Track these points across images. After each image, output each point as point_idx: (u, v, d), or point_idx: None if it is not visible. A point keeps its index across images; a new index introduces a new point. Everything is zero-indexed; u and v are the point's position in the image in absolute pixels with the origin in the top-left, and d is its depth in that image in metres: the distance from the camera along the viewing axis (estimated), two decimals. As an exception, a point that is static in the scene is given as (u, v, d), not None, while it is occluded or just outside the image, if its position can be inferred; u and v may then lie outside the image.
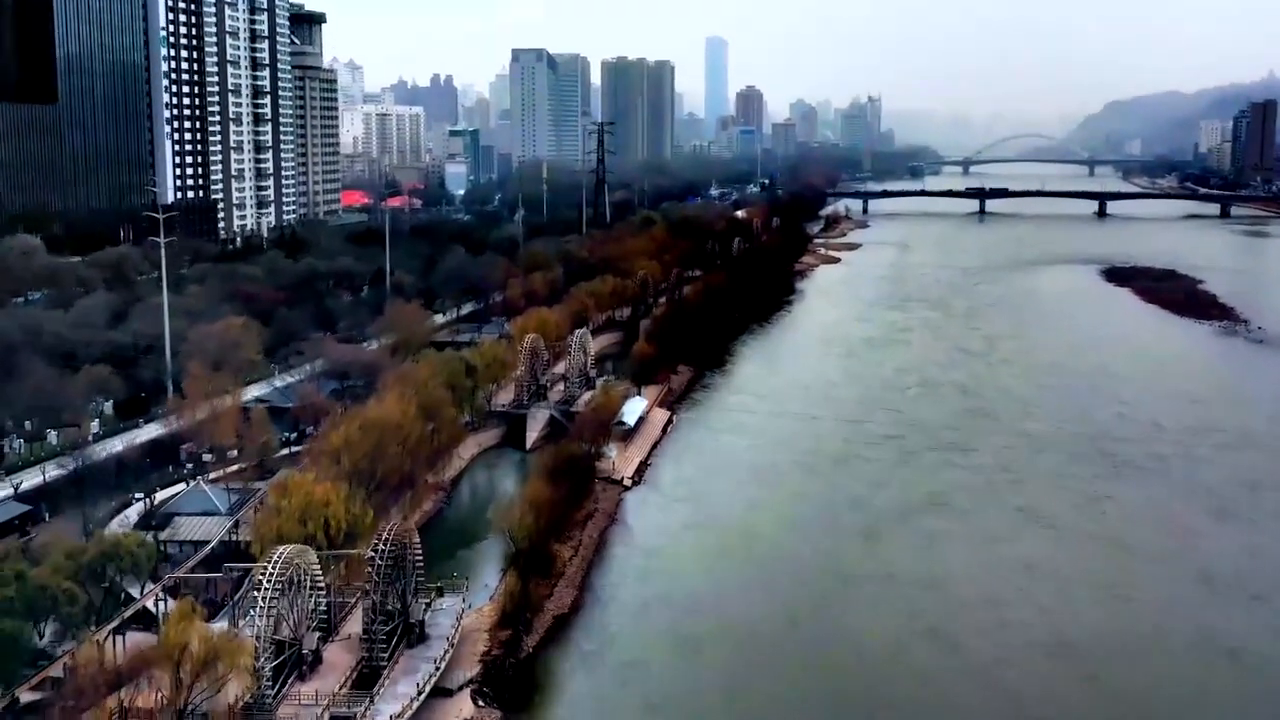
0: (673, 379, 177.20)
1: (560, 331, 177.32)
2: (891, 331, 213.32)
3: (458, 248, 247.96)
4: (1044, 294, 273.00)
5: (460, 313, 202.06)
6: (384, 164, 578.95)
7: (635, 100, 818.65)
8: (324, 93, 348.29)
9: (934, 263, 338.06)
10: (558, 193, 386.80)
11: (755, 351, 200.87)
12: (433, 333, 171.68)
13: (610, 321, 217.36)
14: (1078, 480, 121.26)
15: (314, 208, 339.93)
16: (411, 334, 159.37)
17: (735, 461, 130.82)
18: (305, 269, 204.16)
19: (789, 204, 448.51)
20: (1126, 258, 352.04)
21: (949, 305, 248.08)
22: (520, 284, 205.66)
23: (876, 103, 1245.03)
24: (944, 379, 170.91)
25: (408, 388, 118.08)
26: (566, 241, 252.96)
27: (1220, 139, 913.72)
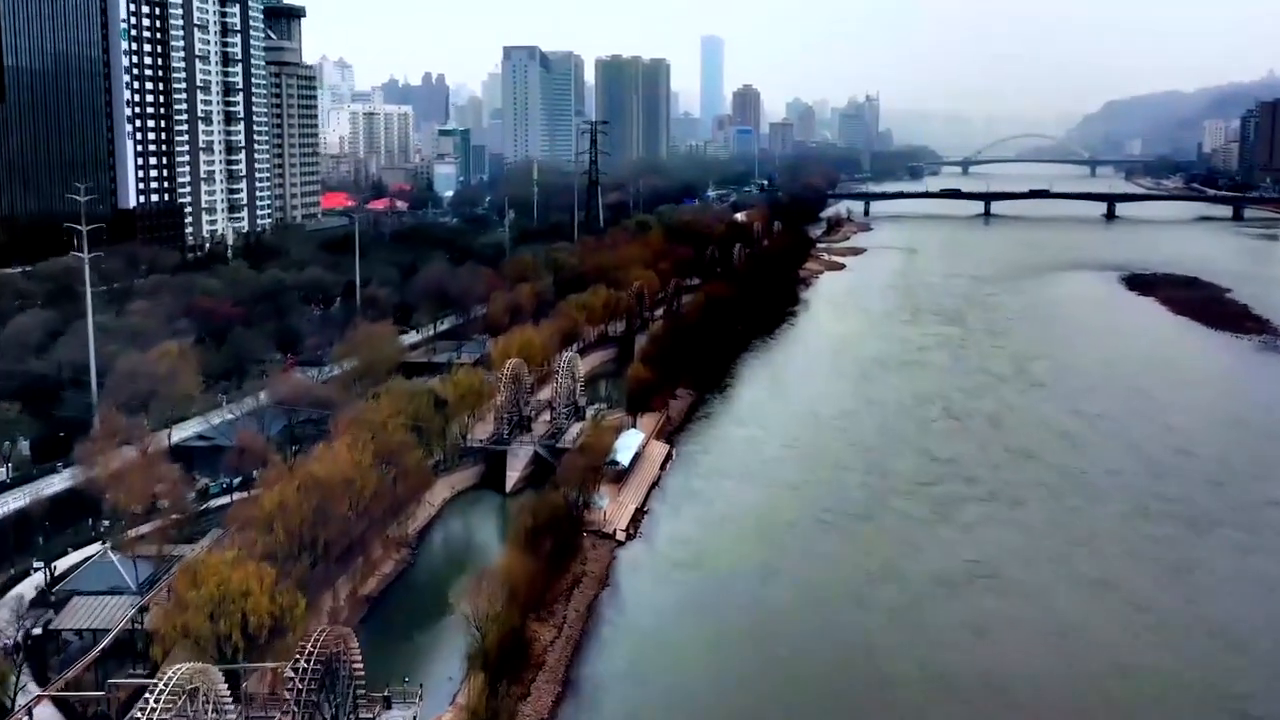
0: (671, 404, 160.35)
1: (547, 352, 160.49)
2: (906, 350, 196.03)
3: (439, 256, 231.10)
4: (1065, 305, 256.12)
5: (439, 329, 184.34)
6: (371, 165, 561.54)
7: (630, 99, 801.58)
8: (302, 90, 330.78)
9: (943, 269, 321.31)
10: (550, 194, 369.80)
11: (760, 372, 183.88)
12: (402, 355, 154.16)
13: (603, 337, 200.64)
14: (1150, 542, 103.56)
15: (291, 212, 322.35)
16: (378, 358, 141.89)
17: (742, 513, 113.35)
18: (270, 281, 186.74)
19: (790, 206, 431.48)
20: (1144, 264, 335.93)
21: (965, 318, 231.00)
22: (504, 297, 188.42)
23: (875, 102, 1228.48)
24: (972, 408, 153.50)
25: (363, 431, 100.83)
26: (556, 249, 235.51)
27: (1225, 139, 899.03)
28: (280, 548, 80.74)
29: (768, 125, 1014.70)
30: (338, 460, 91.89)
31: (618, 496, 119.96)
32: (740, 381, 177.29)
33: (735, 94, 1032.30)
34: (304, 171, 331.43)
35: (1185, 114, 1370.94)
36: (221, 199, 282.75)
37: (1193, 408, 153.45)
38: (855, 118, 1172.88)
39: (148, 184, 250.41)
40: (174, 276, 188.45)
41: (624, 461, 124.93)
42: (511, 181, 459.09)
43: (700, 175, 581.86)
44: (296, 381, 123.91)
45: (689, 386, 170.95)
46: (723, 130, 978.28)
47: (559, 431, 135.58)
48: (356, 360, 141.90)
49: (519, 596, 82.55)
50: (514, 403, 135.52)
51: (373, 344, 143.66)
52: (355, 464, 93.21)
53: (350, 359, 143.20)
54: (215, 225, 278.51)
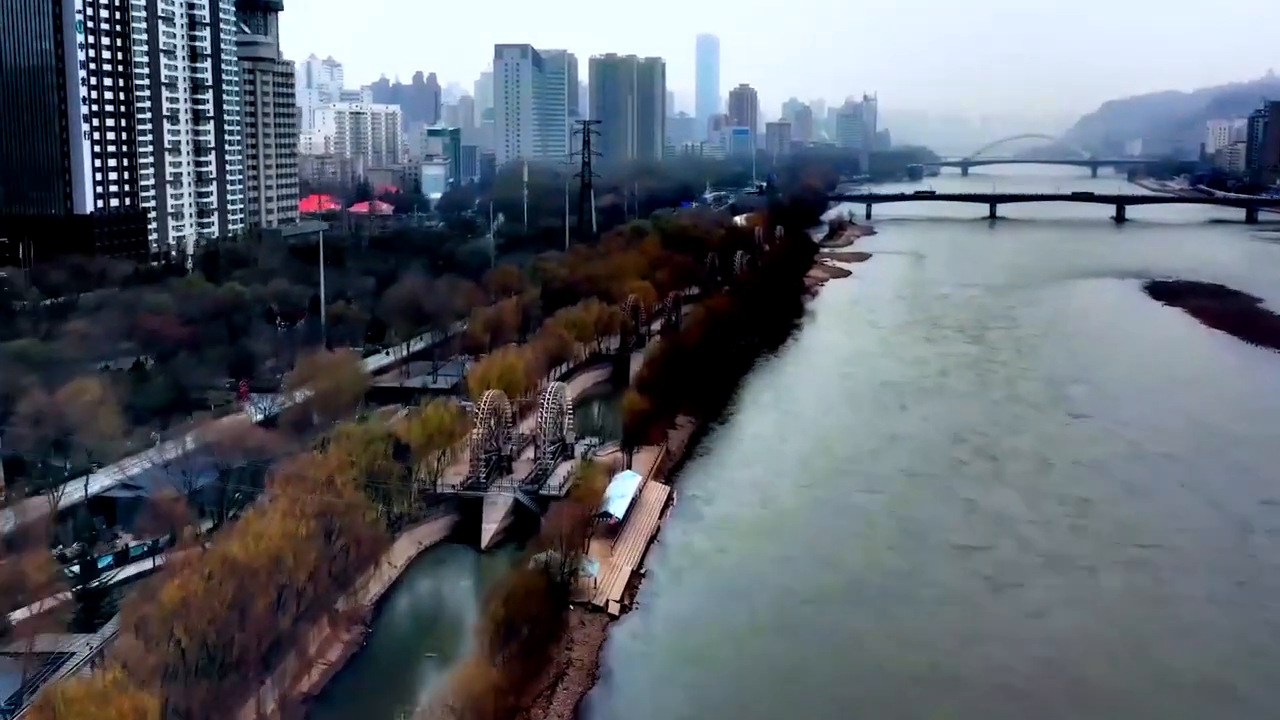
0: (671, 435, 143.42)
1: (531, 377, 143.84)
2: (925, 373, 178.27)
3: (420, 265, 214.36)
4: (1090, 317, 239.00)
5: (412, 348, 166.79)
6: (358, 166, 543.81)
7: (625, 99, 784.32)
8: (279, 87, 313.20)
9: (953, 277, 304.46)
10: (541, 196, 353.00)
11: (766, 397, 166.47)
12: (367, 382, 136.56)
13: (596, 355, 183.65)
14: (1268, 630, 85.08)
15: (266, 216, 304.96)
16: (338, 387, 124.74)
17: (754, 585, 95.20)
18: (227, 296, 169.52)
19: (791, 209, 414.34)
20: (1163, 270, 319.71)
21: (985, 334, 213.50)
22: (486, 314, 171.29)
23: (873, 102, 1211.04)
24: (1010, 446, 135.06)
25: (305, 490, 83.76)
26: (544, 259, 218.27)
27: (1230, 139, 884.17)
28: (183, 658, 63.61)
29: (764, 125, 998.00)
30: (266, 533, 74.69)
31: (610, 556, 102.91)
32: (745, 408, 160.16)
33: (732, 93, 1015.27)
34: (281, 174, 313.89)
35: (1185, 114, 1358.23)
36: (190, 203, 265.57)
37: (1268, 444, 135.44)
38: (853, 118, 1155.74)
39: (106, 188, 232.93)
40: (121, 291, 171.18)
41: (618, 513, 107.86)
42: (502, 184, 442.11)
43: (697, 177, 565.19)
44: (227, 425, 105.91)
45: (690, 413, 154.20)
46: (719, 131, 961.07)
47: (544, 474, 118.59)
48: (313, 389, 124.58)
49: (487, 713, 65.69)
50: (492, 440, 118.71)
51: (331, 371, 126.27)
52: (290, 536, 76.11)
53: (307, 388, 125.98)
54: (182, 232, 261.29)
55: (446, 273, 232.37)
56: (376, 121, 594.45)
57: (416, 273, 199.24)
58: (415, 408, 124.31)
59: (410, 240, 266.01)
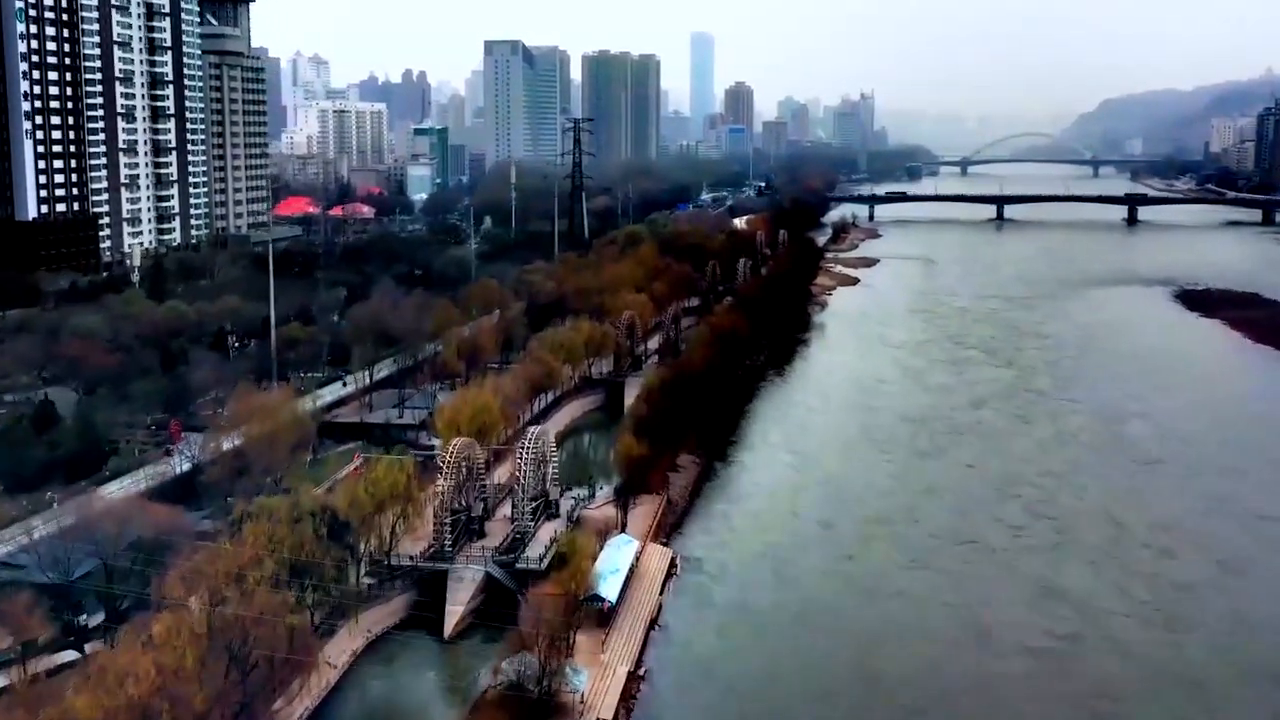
0: (672, 480, 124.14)
1: (511, 413, 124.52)
2: (954, 403, 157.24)
3: (391, 277, 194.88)
4: (1124, 332, 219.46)
5: (375, 376, 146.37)
6: (342, 166, 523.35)
7: (619, 97, 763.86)
8: (249, 83, 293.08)
9: (969, 285, 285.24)
10: (531, 198, 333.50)
11: (776, 434, 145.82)
12: (308, 432, 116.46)
13: (587, 381, 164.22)
14: None
15: (235, 221, 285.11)
16: (277, 428, 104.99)
17: (780, 701, 75.90)
18: (170, 316, 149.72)
19: (793, 211, 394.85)
20: (1189, 277, 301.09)
21: (1015, 353, 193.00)
22: (461, 335, 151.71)
23: (870, 100, 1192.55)
24: (1074, 505, 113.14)
25: (202, 600, 64.25)
26: (530, 271, 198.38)
27: (1235, 138, 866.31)
28: None
29: (760, 124, 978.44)
30: (134, 669, 55.13)
31: (601, 653, 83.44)
32: (753, 447, 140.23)
33: (727, 91, 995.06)
34: (251, 175, 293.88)
35: (1184, 113, 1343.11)
36: (148, 208, 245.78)
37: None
38: (850, 116, 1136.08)
39: (52, 191, 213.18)
40: (49, 310, 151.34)
41: (610, 596, 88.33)
42: (490, 185, 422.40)
43: (693, 177, 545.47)
44: (111, 505, 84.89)
45: (693, 449, 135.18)
46: (714, 129, 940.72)
47: (521, 538, 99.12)
48: (246, 433, 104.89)
49: None
50: (461, 498, 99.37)
51: (268, 412, 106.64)
52: (171, 668, 56.62)
53: (240, 431, 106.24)
54: (141, 238, 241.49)
55: (424, 284, 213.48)
56: (361, 120, 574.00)
57: (390, 285, 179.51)
58: (371, 456, 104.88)
59: (387, 247, 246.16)
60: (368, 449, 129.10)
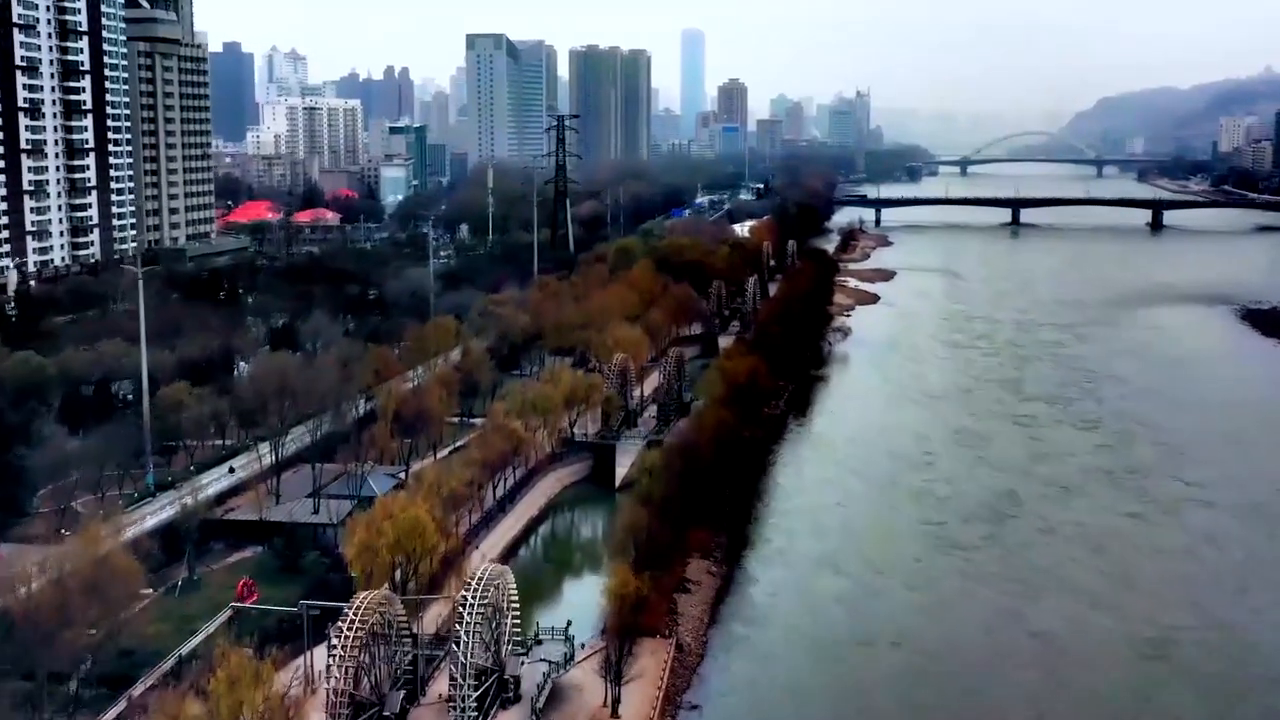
0: (682, 605, 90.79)
1: (449, 532, 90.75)
2: (1034, 492, 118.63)
3: (321, 315, 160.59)
4: (1208, 369, 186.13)
5: (282, 453, 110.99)
6: (314, 167, 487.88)
7: (607, 94, 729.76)
8: (188, 74, 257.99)
9: (1004, 305, 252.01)
10: (512, 204, 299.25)
11: (805, 530, 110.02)
12: (201, 513, 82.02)
13: (569, 444, 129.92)
14: None
15: (171, 232, 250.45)
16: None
17: None
18: (21, 370, 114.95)
19: (798, 217, 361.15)
20: (1249, 293, 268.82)
21: (1095, 409, 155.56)
22: (403, 396, 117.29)
23: (866, 99, 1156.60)
24: (1262, 676, 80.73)
25: None
26: (498, 301, 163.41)
27: (1245, 137, 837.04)
28: None
29: (754, 123, 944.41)
30: None
31: None
32: (783, 554, 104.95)
33: (721, 89, 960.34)
34: (192, 180, 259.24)
35: (1184, 111, 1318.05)
36: (60, 219, 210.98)
37: None
38: (846, 115, 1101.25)
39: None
40: None
41: None
42: (468, 189, 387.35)
43: (687, 178, 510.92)
44: None
45: (707, 547, 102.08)
46: (707, 128, 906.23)
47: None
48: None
49: None
50: (370, 677, 65.67)
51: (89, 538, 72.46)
52: None
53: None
54: (50, 254, 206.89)
55: (377, 311, 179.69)
56: (334, 118, 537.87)
57: (323, 320, 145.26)
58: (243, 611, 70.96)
59: (338, 265, 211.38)
60: (272, 558, 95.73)
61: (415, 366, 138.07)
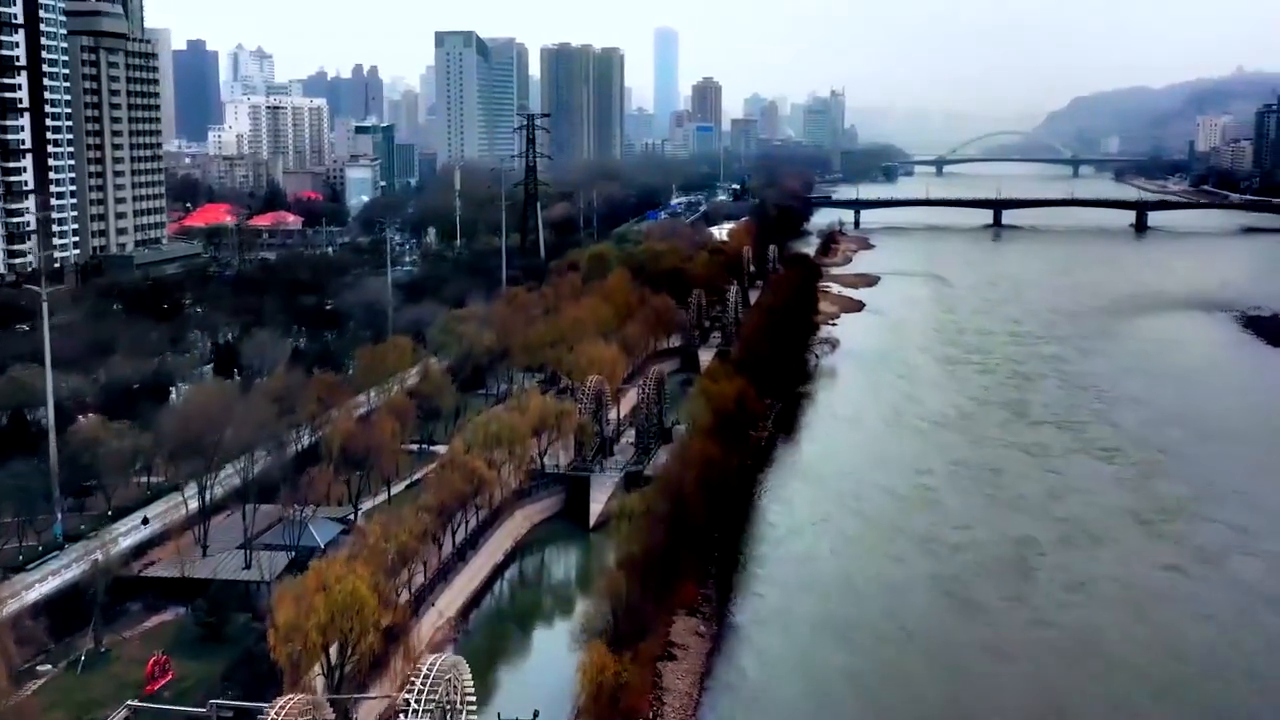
0: (669, 678, 78.65)
1: (393, 603, 78.52)
2: (1054, 535, 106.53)
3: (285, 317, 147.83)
4: (1220, 383, 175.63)
5: (210, 492, 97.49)
6: (278, 168, 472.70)
7: (580, 93, 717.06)
8: (136, 71, 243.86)
9: (995, 314, 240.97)
10: (480, 207, 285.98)
11: (802, 583, 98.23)
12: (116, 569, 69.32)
13: (539, 475, 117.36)
14: None
15: (118, 238, 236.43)
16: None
17: None
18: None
19: (777, 220, 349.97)
20: (1244, 299, 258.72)
21: (1110, 435, 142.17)
22: (347, 429, 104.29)
23: (840, 98, 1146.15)
24: None
25: None
26: (461, 318, 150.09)
27: (1222, 137, 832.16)
28: None
29: (728, 122, 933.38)
30: None
31: None
32: (779, 616, 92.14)
33: (695, 88, 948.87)
34: (141, 182, 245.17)
35: (1157, 110, 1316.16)
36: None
37: None
38: (821, 114, 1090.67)
39: None
40: None
41: None
42: (435, 191, 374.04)
43: (661, 179, 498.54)
44: None
45: (691, 601, 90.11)
46: (681, 128, 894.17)
47: None
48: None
49: None
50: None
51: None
52: None
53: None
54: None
55: (330, 326, 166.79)
56: (299, 117, 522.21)
57: (265, 339, 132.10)
58: None
59: (292, 274, 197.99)
60: (197, 619, 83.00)
61: (368, 390, 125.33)
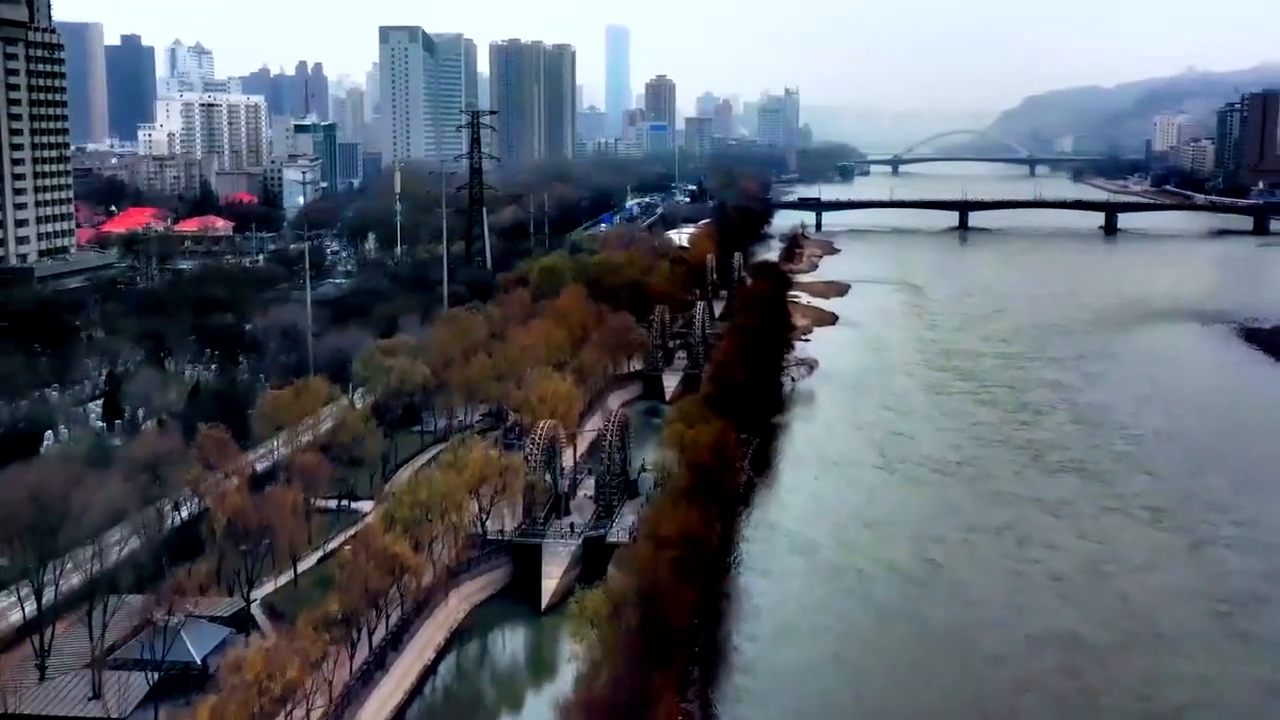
0: None
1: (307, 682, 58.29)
2: (1099, 620, 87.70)
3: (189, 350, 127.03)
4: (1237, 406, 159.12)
5: (50, 583, 76.47)
6: (210, 169, 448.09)
7: (530, 91, 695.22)
8: (39, 65, 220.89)
9: (979, 329, 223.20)
10: (424, 212, 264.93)
11: (802, 680, 79.52)
12: None
13: (481, 543, 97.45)
14: None
15: (18, 247, 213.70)
16: None
17: None
18: None
19: (739, 223, 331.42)
20: (1237, 307, 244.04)
21: (1133, 473, 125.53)
22: (234, 505, 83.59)
23: (795, 96, 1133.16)
24: None
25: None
26: (387, 350, 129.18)
27: (1179, 136, 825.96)
28: None
29: (683, 121, 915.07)
30: None
31: None
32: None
33: (648, 86, 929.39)
34: (46, 187, 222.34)
35: (1110, 109, 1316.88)
36: None
37: None
38: (776, 113, 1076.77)
39: None
40: None
41: None
42: (377, 194, 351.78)
43: (615, 179, 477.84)
44: None
45: (673, 691, 70.90)
46: (634, 126, 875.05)
47: None
48: None
49: None
50: None
51: None
52: None
53: None
54: None
55: (244, 357, 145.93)
56: (234, 115, 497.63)
57: (150, 379, 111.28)
58: None
59: (205, 287, 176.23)
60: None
61: (275, 437, 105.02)
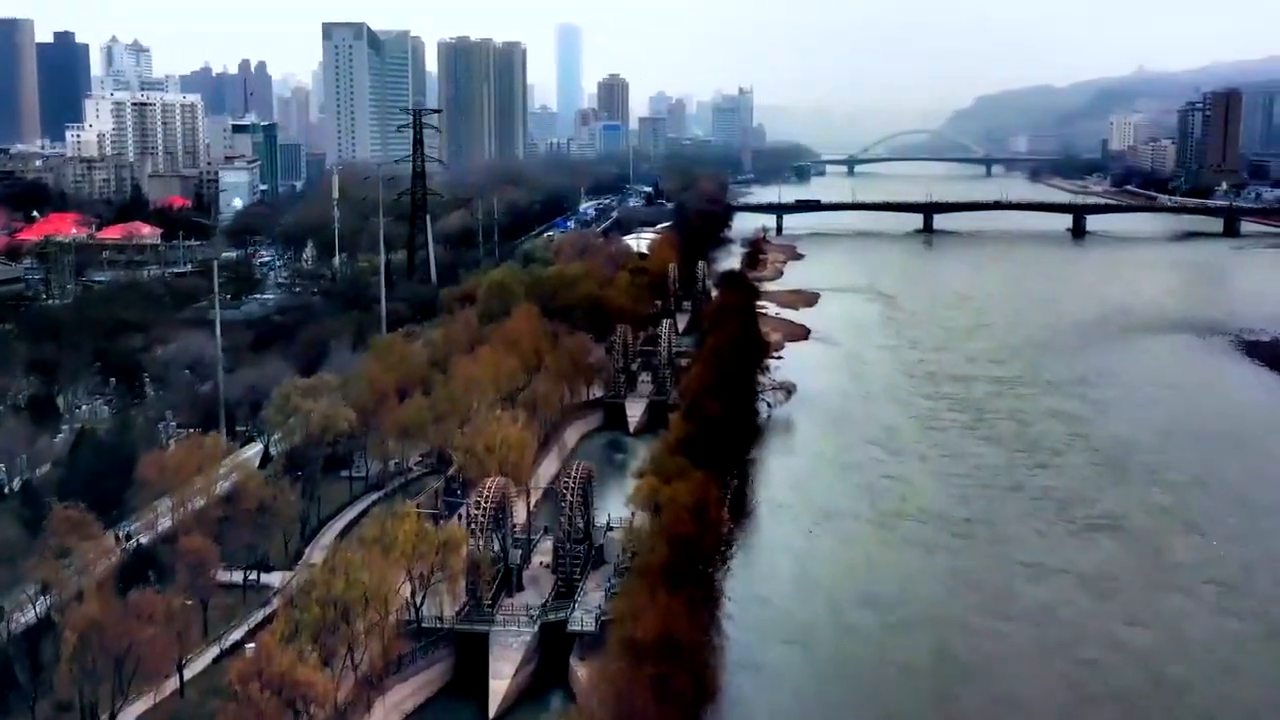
0: None
1: None
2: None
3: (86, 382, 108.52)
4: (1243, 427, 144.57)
5: None
6: (142, 171, 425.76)
7: (480, 90, 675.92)
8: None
9: (963, 345, 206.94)
10: (367, 218, 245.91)
11: None
12: None
13: (415, 634, 79.95)
14: None
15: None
16: None
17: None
18: None
19: (699, 228, 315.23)
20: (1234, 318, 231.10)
21: (1179, 530, 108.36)
22: (91, 618, 65.57)
23: (749, 96, 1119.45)
24: None
25: None
26: (307, 392, 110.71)
27: (1135, 136, 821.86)
28: None
29: (636, 120, 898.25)
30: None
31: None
32: None
33: (601, 84, 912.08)
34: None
35: (1063, 109, 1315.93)
36: None
37: None
38: (730, 113, 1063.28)
39: None
40: None
41: None
42: (317, 198, 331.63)
43: (568, 181, 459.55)
44: None
45: None
46: (587, 126, 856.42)
47: None
48: None
49: None
50: None
51: None
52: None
53: None
54: None
55: (147, 392, 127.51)
56: (169, 114, 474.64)
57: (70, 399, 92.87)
58: None
59: (111, 307, 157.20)
60: None
61: (155, 507, 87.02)
